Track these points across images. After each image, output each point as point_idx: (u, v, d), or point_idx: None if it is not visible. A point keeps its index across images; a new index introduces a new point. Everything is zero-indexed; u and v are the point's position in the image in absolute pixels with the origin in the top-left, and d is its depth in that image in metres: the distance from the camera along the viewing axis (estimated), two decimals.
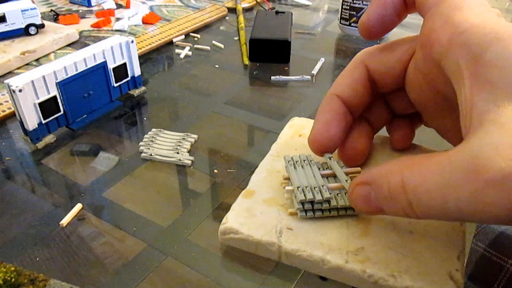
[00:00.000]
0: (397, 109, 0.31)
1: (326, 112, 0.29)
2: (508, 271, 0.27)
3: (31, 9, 0.61)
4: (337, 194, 0.29)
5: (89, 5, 0.77)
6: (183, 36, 0.66)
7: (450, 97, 0.24)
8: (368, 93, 0.29)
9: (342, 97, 0.29)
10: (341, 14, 0.65)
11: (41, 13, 0.63)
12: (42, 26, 0.62)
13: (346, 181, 0.29)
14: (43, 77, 0.39)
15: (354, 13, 0.63)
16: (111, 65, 0.45)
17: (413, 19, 0.71)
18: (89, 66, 0.43)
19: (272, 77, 0.54)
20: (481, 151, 0.18)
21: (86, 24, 0.70)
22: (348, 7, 0.63)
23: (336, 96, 0.29)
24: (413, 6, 0.26)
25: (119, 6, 0.78)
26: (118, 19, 0.72)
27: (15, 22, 0.60)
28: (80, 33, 0.66)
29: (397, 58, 0.28)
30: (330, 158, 0.31)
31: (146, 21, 0.71)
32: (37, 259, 0.30)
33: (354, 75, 0.29)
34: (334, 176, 0.31)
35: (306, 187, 0.29)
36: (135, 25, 0.70)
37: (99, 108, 0.46)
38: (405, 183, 0.21)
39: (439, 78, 0.24)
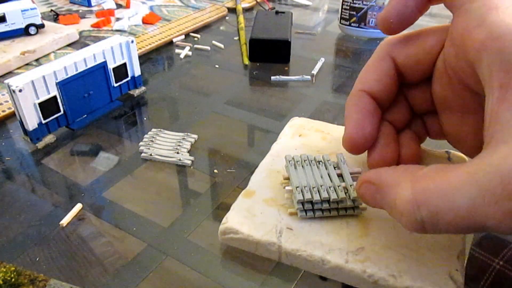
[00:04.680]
0: (417, 105, 0.30)
1: (357, 111, 0.28)
2: (494, 270, 0.27)
3: (31, 9, 0.61)
4: (337, 194, 0.29)
5: (89, 5, 0.77)
6: (183, 36, 0.66)
7: (481, 94, 0.23)
8: (395, 86, 0.28)
9: (371, 92, 0.28)
10: (341, 14, 0.65)
11: (41, 13, 0.63)
12: (42, 26, 0.62)
13: (351, 185, 0.29)
14: (43, 77, 0.39)
15: (354, 13, 0.63)
16: (111, 65, 0.45)
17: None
18: (89, 66, 0.43)
19: (272, 77, 0.54)
20: (510, 170, 0.18)
21: (86, 24, 0.70)
22: (348, 7, 0.63)
23: (365, 93, 0.28)
24: None
25: (119, 6, 0.78)
26: (118, 19, 0.72)
27: (15, 22, 0.60)
28: (80, 33, 0.66)
29: (426, 51, 0.26)
30: (341, 160, 0.31)
31: (146, 21, 0.71)
32: (37, 259, 0.30)
33: (381, 69, 0.28)
34: (339, 175, 0.31)
35: (305, 187, 0.29)
36: (135, 25, 0.70)
37: (99, 108, 0.46)
38: (418, 200, 0.20)
39: (471, 76, 0.23)
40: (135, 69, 0.48)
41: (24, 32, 0.61)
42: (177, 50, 0.62)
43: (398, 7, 0.26)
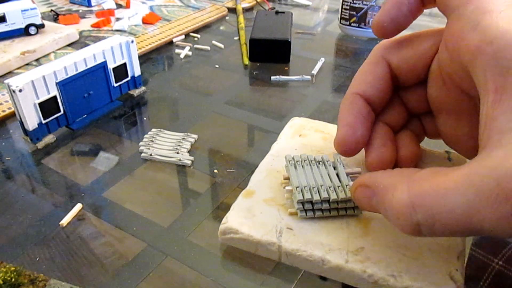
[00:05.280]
0: (412, 107, 0.30)
1: (350, 113, 0.28)
2: (493, 270, 0.27)
3: (31, 9, 0.61)
4: (337, 194, 0.29)
5: (89, 5, 0.77)
6: (183, 36, 0.66)
7: (476, 97, 0.23)
8: (390, 89, 0.28)
9: (365, 96, 0.28)
10: (341, 14, 0.65)
11: (41, 13, 0.63)
12: (42, 26, 0.62)
13: (346, 185, 0.29)
14: (43, 77, 0.39)
15: (354, 13, 0.63)
16: (111, 65, 0.45)
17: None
18: (89, 66, 0.43)
19: (272, 77, 0.54)
20: (506, 173, 0.18)
21: (86, 24, 0.70)
22: (348, 7, 0.63)
23: (359, 95, 0.28)
24: (431, 2, 0.25)
25: (119, 6, 0.78)
26: (118, 19, 0.72)
27: (15, 22, 0.60)
28: (80, 33, 0.66)
29: (420, 54, 0.27)
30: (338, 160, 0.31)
31: (146, 21, 0.71)
32: (37, 259, 0.30)
33: (375, 72, 0.28)
34: (336, 175, 0.31)
35: (305, 187, 0.29)
36: (135, 25, 0.70)
37: (99, 108, 0.46)
38: (414, 202, 0.20)
39: (466, 80, 0.23)
40: (135, 69, 0.48)
41: (24, 32, 0.61)
42: (177, 50, 0.62)
43: (392, 11, 0.26)
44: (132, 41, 0.46)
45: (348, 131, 0.28)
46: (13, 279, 0.28)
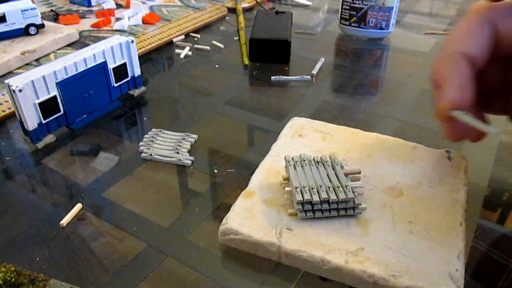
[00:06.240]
0: (491, 84, 0.29)
1: (458, 74, 0.26)
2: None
3: (31, 9, 0.61)
4: (337, 195, 0.29)
5: (89, 5, 0.77)
6: (183, 36, 0.66)
7: None
8: (490, 56, 0.27)
9: (470, 56, 0.26)
10: (341, 14, 0.65)
11: (41, 13, 0.63)
12: (42, 26, 0.62)
13: (346, 186, 0.29)
14: (43, 77, 0.39)
15: (354, 13, 0.63)
16: (111, 65, 0.45)
17: (414, 19, 0.71)
18: (89, 66, 0.43)
19: (272, 77, 0.54)
20: None
21: (86, 24, 0.70)
22: (348, 7, 0.63)
23: (461, 56, 0.26)
24: None
25: (119, 6, 0.78)
26: (118, 19, 0.72)
27: (15, 22, 0.60)
28: (80, 33, 0.66)
29: None
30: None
31: (146, 21, 0.71)
32: (37, 259, 0.30)
33: (481, 34, 0.26)
34: (335, 175, 0.31)
35: (304, 187, 0.29)
36: (135, 25, 0.70)
37: (99, 108, 0.46)
38: None
39: None
40: (135, 69, 0.48)
41: (24, 32, 0.61)
42: (177, 50, 0.62)
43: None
44: (132, 41, 0.47)
45: (462, 94, 0.25)
46: (13, 279, 0.28)
